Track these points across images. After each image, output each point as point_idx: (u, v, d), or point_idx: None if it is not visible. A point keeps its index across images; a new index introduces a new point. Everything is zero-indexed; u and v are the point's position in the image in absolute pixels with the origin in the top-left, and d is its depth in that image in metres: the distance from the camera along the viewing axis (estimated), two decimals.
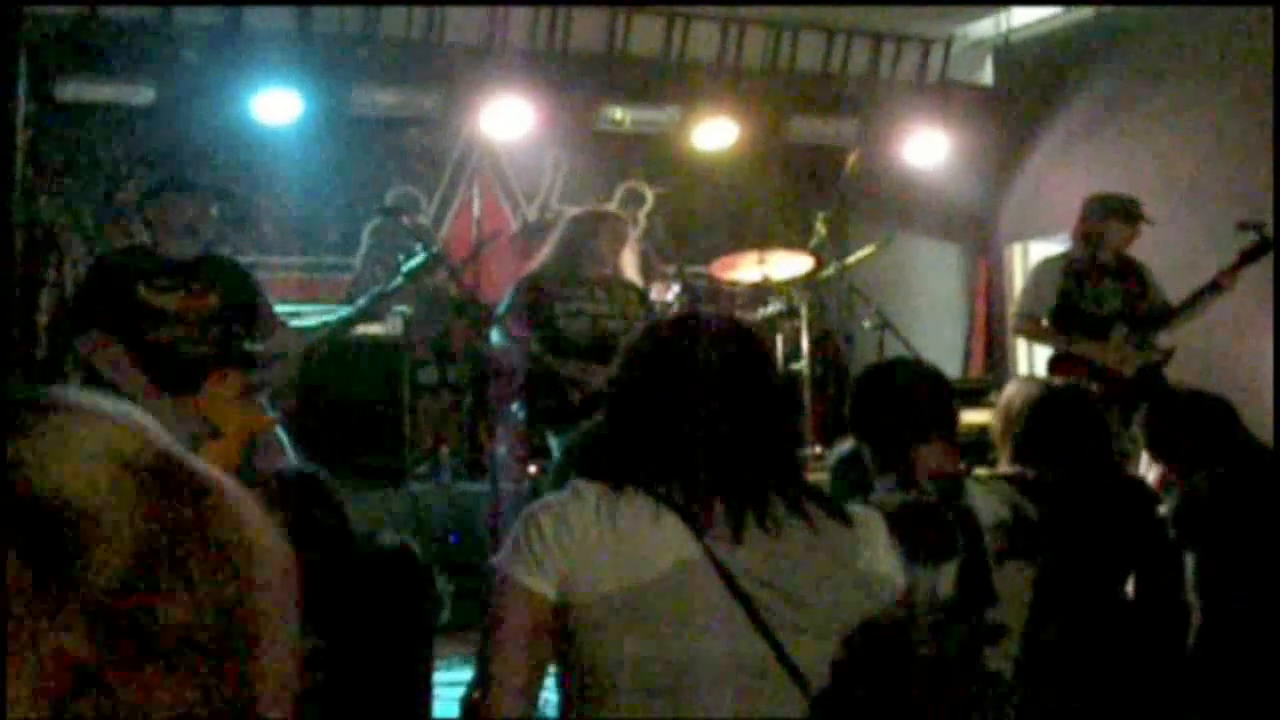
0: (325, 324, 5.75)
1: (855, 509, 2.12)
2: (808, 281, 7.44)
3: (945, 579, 2.73)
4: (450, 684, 5.27)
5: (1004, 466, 3.47)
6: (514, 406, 5.86)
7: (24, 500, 1.13)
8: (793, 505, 2.03)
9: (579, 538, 1.96)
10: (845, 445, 3.53)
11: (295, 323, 5.82)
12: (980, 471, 3.29)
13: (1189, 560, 3.62)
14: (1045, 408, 3.50)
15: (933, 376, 3.06)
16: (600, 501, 2.00)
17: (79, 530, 1.13)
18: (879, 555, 2.08)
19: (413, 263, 5.52)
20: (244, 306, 5.20)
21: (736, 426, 2.05)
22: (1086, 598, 3.27)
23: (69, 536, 1.13)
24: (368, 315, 5.61)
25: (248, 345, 5.19)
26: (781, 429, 2.16)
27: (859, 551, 2.05)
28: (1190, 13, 7.59)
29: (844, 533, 2.05)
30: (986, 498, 2.87)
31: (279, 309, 5.59)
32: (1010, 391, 3.62)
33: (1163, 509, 3.72)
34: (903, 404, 2.95)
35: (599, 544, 1.95)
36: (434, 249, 5.62)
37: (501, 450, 6.38)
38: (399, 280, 5.51)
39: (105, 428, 1.20)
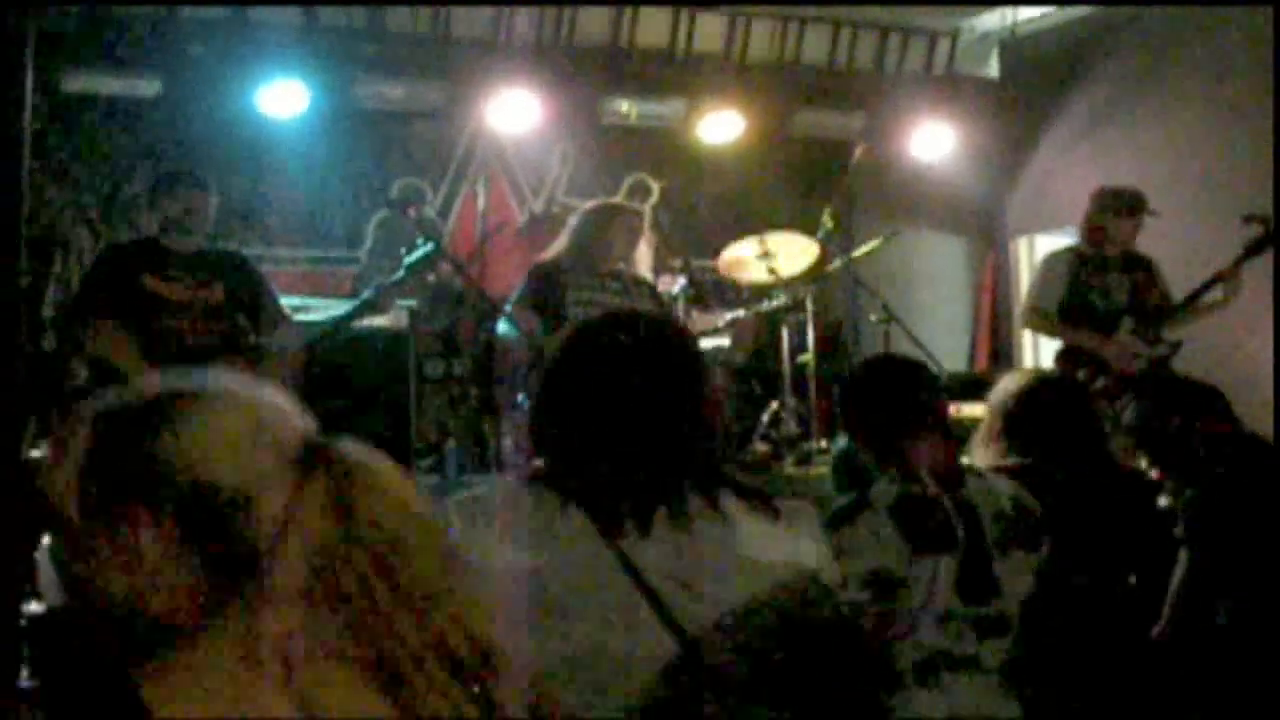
0: (328, 319, 5.75)
1: (788, 502, 2.11)
2: (814, 275, 7.44)
3: (946, 571, 2.73)
4: None
5: (984, 454, 3.47)
6: (520, 398, 5.86)
7: (182, 490, 1.15)
8: (709, 501, 2.01)
9: (482, 531, 1.97)
10: (845, 439, 3.54)
11: (301, 316, 5.83)
12: (979, 463, 3.29)
13: (1183, 556, 3.63)
14: (1038, 396, 3.50)
15: (915, 370, 3.09)
16: (510, 495, 2.03)
17: (238, 513, 1.16)
18: (802, 549, 2.06)
19: (414, 256, 5.53)
20: (249, 299, 5.21)
21: (647, 424, 2.03)
22: (1088, 589, 3.27)
23: (229, 518, 1.17)
24: (370, 309, 5.61)
25: (252, 338, 5.20)
26: (699, 426, 2.10)
27: (778, 546, 2.03)
28: (1196, 5, 7.56)
29: (764, 527, 2.03)
30: (986, 490, 2.87)
31: (284, 301, 5.60)
32: (1004, 382, 3.62)
33: (1163, 501, 3.72)
34: (888, 400, 2.95)
35: (502, 537, 1.96)
36: (435, 242, 5.62)
37: (507, 443, 6.39)
38: (400, 274, 5.52)
39: (252, 413, 1.22)
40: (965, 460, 3.10)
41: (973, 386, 6.14)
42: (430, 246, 5.49)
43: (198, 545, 1.18)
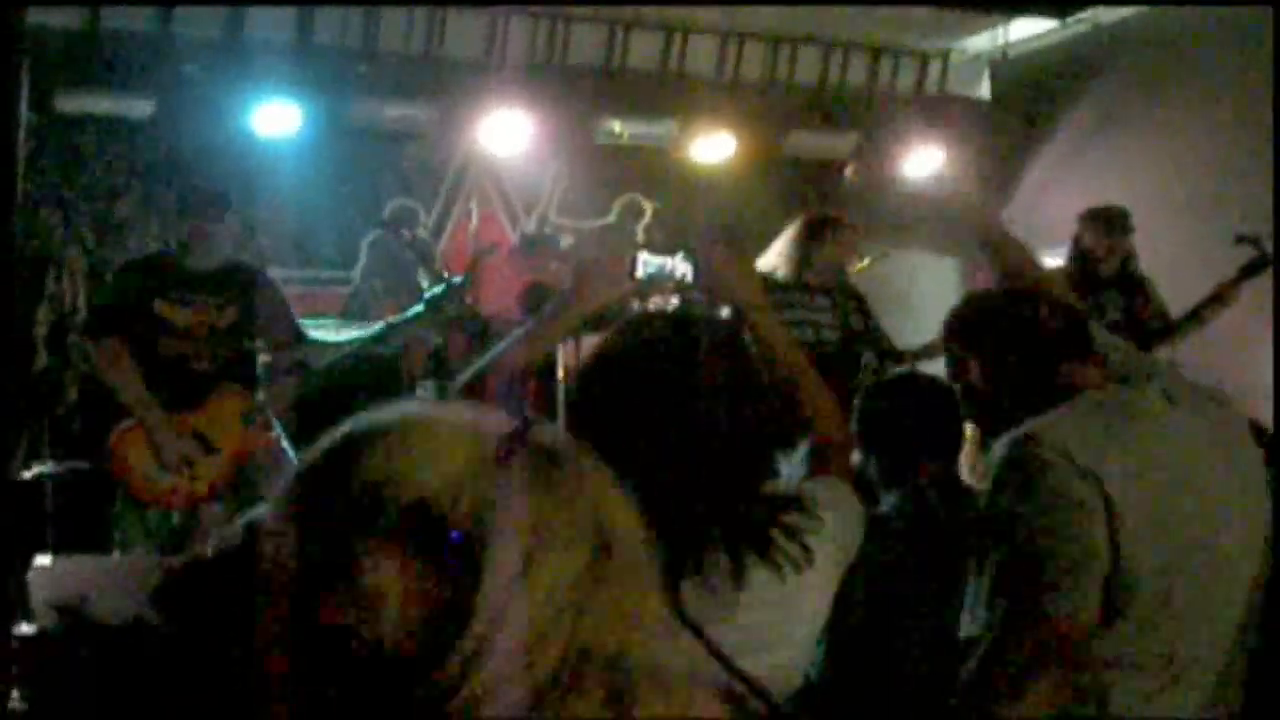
0: (343, 343, 5.76)
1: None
2: None
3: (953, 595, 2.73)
4: None
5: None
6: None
7: (401, 510, 1.14)
8: (762, 552, 1.85)
9: None
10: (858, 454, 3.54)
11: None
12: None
13: None
14: None
15: (941, 393, 3.06)
16: None
17: (449, 515, 1.14)
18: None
19: (435, 292, 5.53)
20: (264, 320, 5.19)
21: (696, 447, 1.86)
22: None
23: (443, 524, 1.14)
24: (385, 340, 5.61)
25: (262, 359, 5.20)
26: (756, 452, 1.93)
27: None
28: (1187, 25, 7.61)
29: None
30: None
31: None
32: None
33: None
34: (911, 420, 2.95)
35: None
36: (456, 279, 5.62)
37: None
38: (419, 309, 5.52)
39: (452, 435, 1.21)
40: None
41: None
42: (448, 283, 5.48)
43: (423, 562, 1.14)
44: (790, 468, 2.17)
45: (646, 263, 2.31)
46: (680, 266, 2.31)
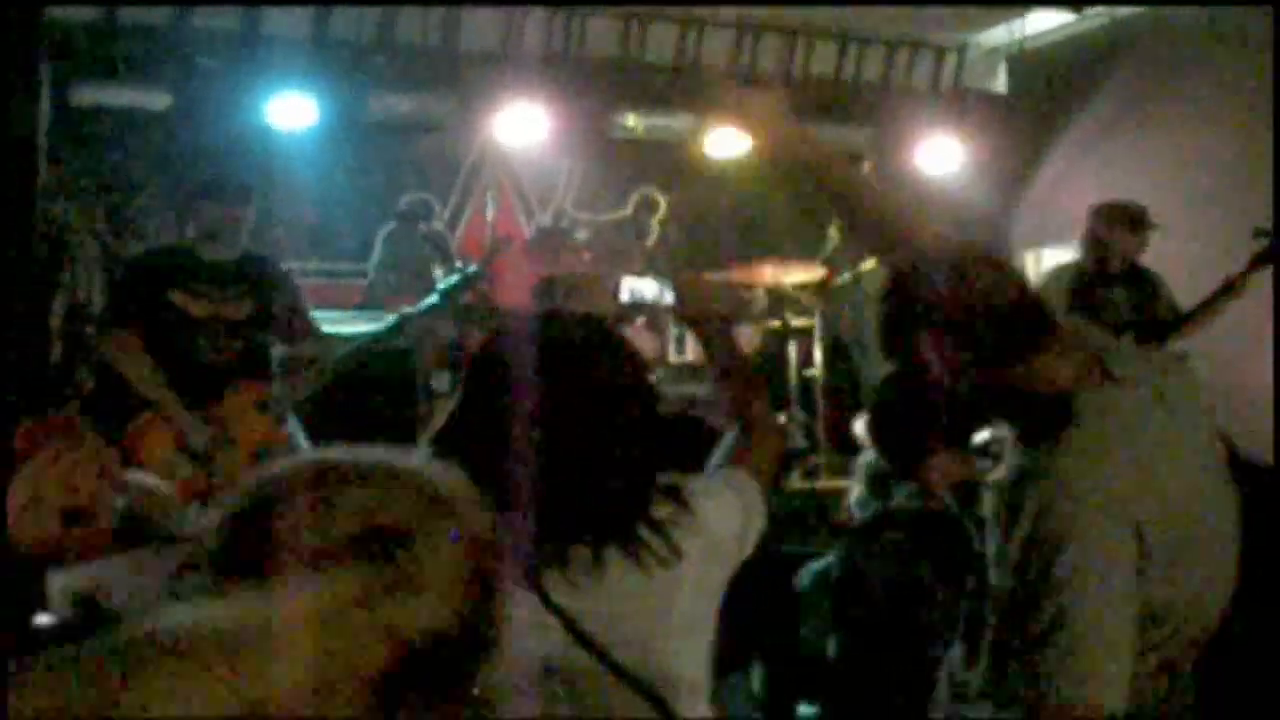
0: (360, 336, 5.77)
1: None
2: (821, 289, 7.44)
3: (965, 587, 2.73)
4: None
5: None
6: None
7: None
8: (630, 546, 1.87)
9: None
10: (873, 453, 3.55)
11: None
12: (992, 478, 3.29)
13: None
14: None
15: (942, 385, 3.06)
16: None
17: None
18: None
19: (449, 281, 5.53)
20: (279, 311, 5.20)
21: (570, 442, 1.87)
22: None
23: None
24: (399, 332, 5.62)
25: (277, 351, 5.20)
26: (629, 450, 1.92)
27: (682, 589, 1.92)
28: (1204, 19, 7.57)
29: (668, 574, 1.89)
30: None
31: None
32: None
33: None
34: (919, 413, 2.95)
35: None
36: (471, 268, 5.61)
37: None
38: (433, 299, 5.52)
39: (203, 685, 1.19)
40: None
41: None
42: (463, 273, 5.48)
43: None
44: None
45: (631, 288, 2.61)
46: (657, 287, 2.59)
